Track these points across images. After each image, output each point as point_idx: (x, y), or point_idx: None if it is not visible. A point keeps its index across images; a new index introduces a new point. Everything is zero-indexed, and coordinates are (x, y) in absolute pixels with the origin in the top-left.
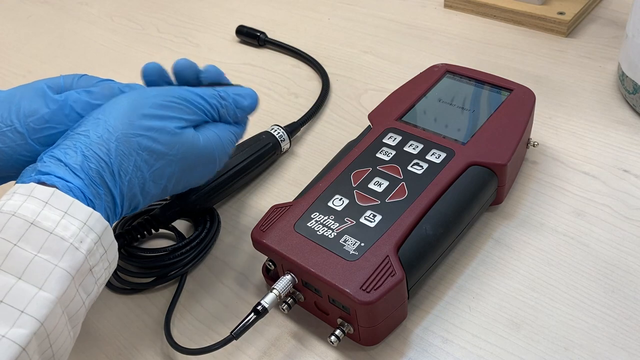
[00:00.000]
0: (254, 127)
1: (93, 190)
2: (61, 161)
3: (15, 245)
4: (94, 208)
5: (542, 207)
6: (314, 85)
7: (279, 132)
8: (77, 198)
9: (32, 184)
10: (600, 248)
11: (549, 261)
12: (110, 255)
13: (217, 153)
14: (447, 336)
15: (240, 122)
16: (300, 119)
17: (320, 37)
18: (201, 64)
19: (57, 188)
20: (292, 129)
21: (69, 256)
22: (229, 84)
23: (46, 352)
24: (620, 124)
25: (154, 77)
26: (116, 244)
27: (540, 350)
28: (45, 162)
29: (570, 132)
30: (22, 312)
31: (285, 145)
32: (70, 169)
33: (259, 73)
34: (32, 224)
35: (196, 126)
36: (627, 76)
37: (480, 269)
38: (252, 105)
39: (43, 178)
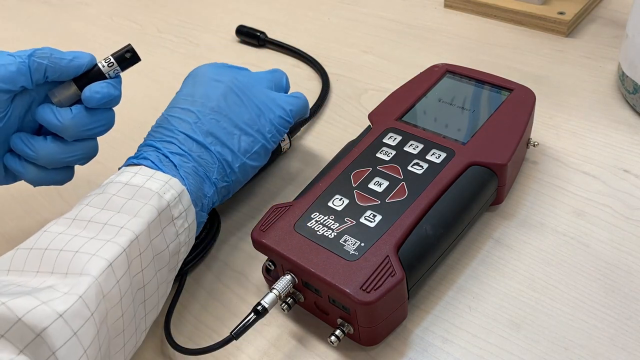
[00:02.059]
0: None
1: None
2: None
3: (114, 195)
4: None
5: (542, 207)
6: (314, 85)
7: None
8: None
9: (122, 168)
10: (601, 248)
11: (549, 261)
12: (189, 217)
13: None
14: (447, 336)
15: None
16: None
17: (320, 37)
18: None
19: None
20: (292, 129)
21: (155, 200)
22: None
23: (137, 276)
24: (620, 124)
25: None
26: (194, 210)
27: (540, 350)
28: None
29: (570, 132)
30: (121, 227)
31: (285, 145)
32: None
33: None
34: (126, 184)
35: None
36: (627, 76)
37: (480, 269)
38: None
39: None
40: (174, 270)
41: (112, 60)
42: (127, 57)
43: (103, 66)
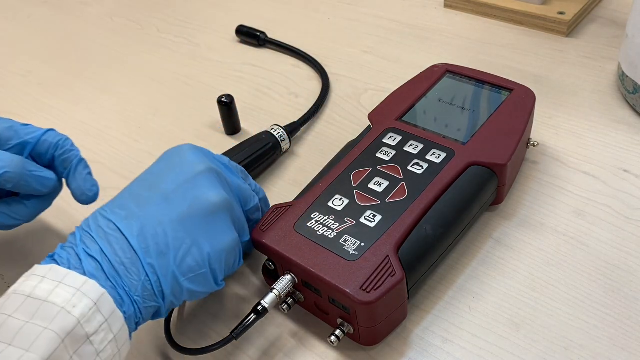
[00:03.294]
0: (255, 127)
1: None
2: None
3: (9, 316)
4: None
5: (542, 207)
6: (314, 85)
7: (279, 132)
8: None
9: (35, 266)
10: (601, 248)
11: (549, 261)
12: (114, 327)
13: None
14: (447, 336)
15: None
16: (300, 118)
17: (320, 37)
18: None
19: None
20: (292, 129)
21: (60, 319)
22: None
23: None
24: (620, 124)
25: None
26: (121, 315)
27: (540, 350)
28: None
29: (570, 132)
30: None
31: (285, 145)
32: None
33: (259, 73)
34: (28, 296)
35: None
36: (627, 76)
37: (480, 269)
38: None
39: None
40: None
41: None
42: None
43: None
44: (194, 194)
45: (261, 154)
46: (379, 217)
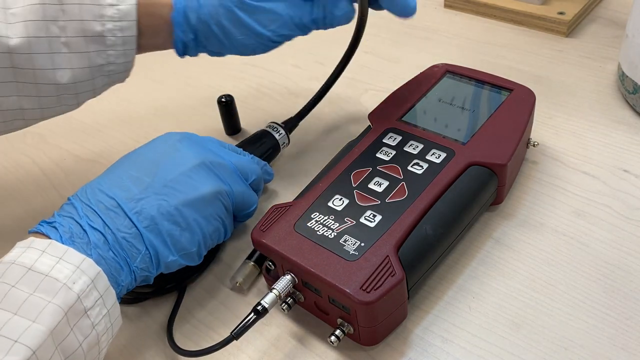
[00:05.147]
0: (255, 127)
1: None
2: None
3: (12, 287)
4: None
5: (542, 207)
6: (314, 85)
7: (277, 130)
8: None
9: (31, 238)
10: (600, 248)
11: (549, 261)
12: (108, 302)
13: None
14: (447, 336)
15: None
16: (296, 114)
17: (320, 37)
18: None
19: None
20: (291, 125)
21: (62, 294)
22: None
23: None
24: (620, 124)
25: None
26: (113, 292)
27: (540, 350)
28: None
29: (570, 132)
30: (15, 341)
31: (283, 142)
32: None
33: (259, 73)
34: (29, 269)
35: None
36: (627, 76)
37: (480, 269)
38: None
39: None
40: None
41: None
42: None
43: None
44: (189, 186)
45: (260, 154)
46: (379, 217)
